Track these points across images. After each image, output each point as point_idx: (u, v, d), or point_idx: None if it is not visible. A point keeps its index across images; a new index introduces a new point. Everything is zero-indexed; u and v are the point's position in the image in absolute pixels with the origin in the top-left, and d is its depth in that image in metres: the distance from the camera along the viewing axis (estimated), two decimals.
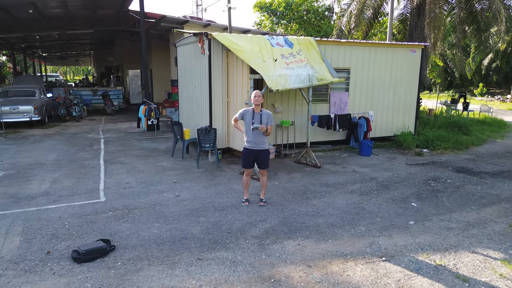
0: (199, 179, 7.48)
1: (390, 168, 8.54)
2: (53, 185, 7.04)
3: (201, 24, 16.10)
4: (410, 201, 6.39)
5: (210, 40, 8.19)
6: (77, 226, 5.19)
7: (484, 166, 9.06)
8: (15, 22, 17.88)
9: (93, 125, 14.73)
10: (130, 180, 7.36)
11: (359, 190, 6.87)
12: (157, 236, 4.89)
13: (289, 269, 4.11)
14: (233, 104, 8.48)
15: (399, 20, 20.05)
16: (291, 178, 7.56)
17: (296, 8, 21.31)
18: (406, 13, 18.25)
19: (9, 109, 13.09)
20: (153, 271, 4.05)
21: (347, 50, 9.84)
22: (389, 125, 10.92)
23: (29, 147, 10.41)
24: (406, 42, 12.82)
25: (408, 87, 10.90)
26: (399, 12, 20.74)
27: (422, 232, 5.15)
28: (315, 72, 8.33)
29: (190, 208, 5.89)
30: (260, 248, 4.59)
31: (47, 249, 4.53)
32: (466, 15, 16.91)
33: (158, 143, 11.08)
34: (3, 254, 4.41)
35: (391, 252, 4.52)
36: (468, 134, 13.24)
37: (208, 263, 4.22)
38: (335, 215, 5.68)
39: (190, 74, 9.92)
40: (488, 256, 4.48)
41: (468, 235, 5.07)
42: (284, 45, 8.54)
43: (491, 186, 7.35)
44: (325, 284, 3.82)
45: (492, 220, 5.59)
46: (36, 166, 8.41)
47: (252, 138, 5.76)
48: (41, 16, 17.11)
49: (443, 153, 10.39)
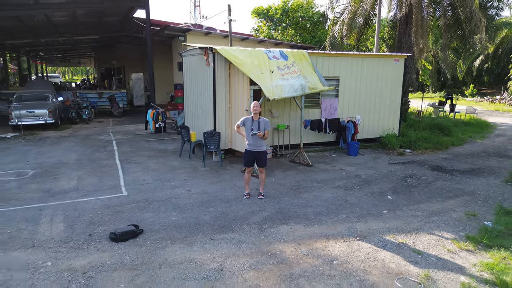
0: (206, 176, 8.58)
1: (373, 166, 9.67)
2: (80, 182, 8.13)
3: (203, 33, 17.17)
4: (386, 194, 7.52)
5: (215, 54, 9.28)
6: (108, 215, 6.28)
7: (457, 164, 10.21)
8: (27, 29, 18.90)
9: (102, 127, 15.79)
10: (145, 177, 8.45)
11: (344, 186, 8.00)
12: (175, 223, 5.99)
13: (283, 246, 5.22)
14: (234, 110, 9.58)
15: (389, 27, 21.16)
16: (286, 175, 8.68)
17: (292, 14, 22.41)
18: (395, 20, 19.36)
19: (26, 112, 14.11)
20: (176, 248, 5.15)
21: (336, 60, 10.96)
22: (375, 128, 12.05)
23: (49, 148, 11.47)
24: (390, 53, 13.93)
25: (392, 93, 12.03)
26: (389, 19, 21.89)
27: (392, 219, 6.28)
28: (307, 81, 9.44)
29: (200, 201, 6.99)
30: (259, 231, 5.70)
31: (88, 232, 5.63)
32: (452, 22, 18.05)
33: (166, 144, 12.16)
34: (53, 236, 5.50)
35: (364, 234, 5.64)
36: (450, 135, 14.37)
37: (218, 242, 5.32)
38: (322, 205, 6.80)
39: (195, 82, 11.00)
40: (442, 237, 5.61)
41: (429, 221, 6.20)
42: (280, 58, 9.65)
43: (459, 182, 8.49)
44: (310, 256, 4.94)
45: (452, 210, 6.73)
46: (61, 165, 9.48)
47: (252, 141, 6.87)
48: (50, 23, 18.13)
49: (424, 153, 11.53)
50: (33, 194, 7.35)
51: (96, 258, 4.85)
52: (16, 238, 5.42)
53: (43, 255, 4.92)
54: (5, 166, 9.38)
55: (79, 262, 4.75)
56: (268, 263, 4.75)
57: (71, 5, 14.10)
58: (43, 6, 13.44)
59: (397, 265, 4.75)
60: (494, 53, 38.73)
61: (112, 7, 15.69)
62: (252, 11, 23.32)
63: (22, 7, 13.41)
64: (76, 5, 14.28)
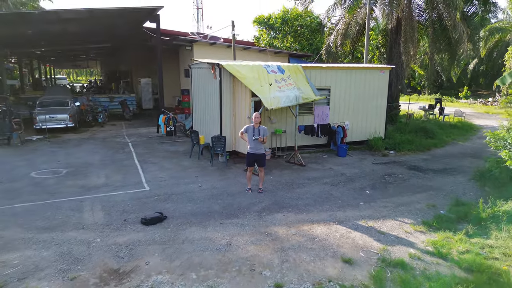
0: (214, 174, 10.06)
1: (358, 166, 11.13)
2: (108, 179, 9.62)
3: (208, 43, 18.64)
4: (365, 189, 8.99)
5: (221, 69, 10.75)
6: (136, 205, 7.76)
7: (433, 164, 11.65)
8: (43, 38, 20.43)
9: (116, 130, 17.29)
10: (162, 175, 9.94)
11: (331, 182, 9.46)
12: (191, 211, 7.47)
13: (277, 228, 6.70)
14: (238, 117, 11.06)
15: (382, 35, 22.61)
16: (282, 174, 10.15)
17: (291, 23, 23.87)
18: (387, 30, 20.78)
19: (49, 117, 15.62)
20: (194, 229, 6.63)
21: (328, 73, 12.42)
22: (363, 131, 13.48)
23: (74, 150, 12.98)
24: (376, 65, 15.34)
25: (378, 100, 13.46)
26: (382, 28, 23.31)
27: (366, 209, 7.74)
28: (301, 92, 10.92)
29: (210, 194, 8.46)
30: (258, 217, 7.18)
31: (123, 218, 7.11)
32: (440, 32, 19.44)
33: (176, 146, 13.65)
34: (96, 221, 6.98)
35: (342, 219, 7.11)
36: (433, 137, 15.79)
37: (226, 225, 6.80)
38: (310, 198, 8.26)
39: (203, 91, 12.48)
40: (403, 222, 7.07)
41: (396, 210, 7.66)
42: (277, 72, 11.12)
43: (430, 180, 9.95)
44: (298, 235, 6.40)
45: (417, 202, 8.19)
46: (88, 165, 10.98)
47: (253, 145, 8.34)
48: (67, 34, 19.64)
49: (406, 154, 12.98)
50: (71, 189, 8.85)
51: (133, 237, 6.33)
52: (67, 223, 6.92)
53: (92, 234, 6.41)
54: (39, 165, 10.88)
55: (121, 239, 6.24)
56: (265, 240, 6.22)
57: (91, 21, 15.57)
58: (66, 21, 14.91)
59: (364, 242, 6.22)
60: (489, 56, 39.90)
61: (127, 22, 17.15)
62: (254, 20, 24.81)
63: (49, 23, 14.91)
64: (96, 20, 15.75)
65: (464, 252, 5.81)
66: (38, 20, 15.05)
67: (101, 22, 16.81)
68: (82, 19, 15.24)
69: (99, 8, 14.70)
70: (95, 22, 16.48)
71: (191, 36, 20.69)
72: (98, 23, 16.79)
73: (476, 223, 6.80)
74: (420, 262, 5.55)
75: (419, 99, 41.73)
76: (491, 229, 6.56)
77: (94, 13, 14.75)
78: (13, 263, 5.45)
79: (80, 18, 15.18)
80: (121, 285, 4.93)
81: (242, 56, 18.55)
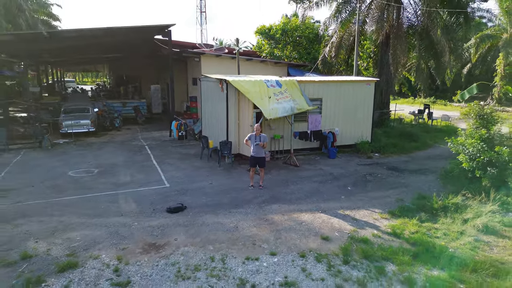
0: (221, 173, 11.94)
1: (345, 167, 12.98)
2: (133, 177, 11.52)
3: (214, 55, 20.51)
4: (347, 186, 10.84)
5: (227, 84, 12.62)
6: (161, 198, 9.65)
7: (411, 165, 13.48)
8: (64, 50, 22.37)
9: (132, 134, 19.20)
10: (179, 174, 11.83)
11: (320, 180, 11.32)
12: (205, 203, 9.35)
13: (273, 215, 8.56)
14: (242, 125, 12.93)
15: (375, 46, 24.41)
16: (279, 173, 12.02)
17: (290, 34, 25.74)
18: (378, 43, 22.59)
19: (73, 123, 17.56)
20: (208, 216, 8.50)
21: (320, 86, 14.28)
22: (352, 136, 15.30)
23: (99, 152, 14.90)
24: (363, 78, 17.13)
25: (365, 109, 15.29)
26: (374, 38, 25.11)
27: (346, 201, 9.60)
28: (296, 104, 12.78)
29: (219, 190, 10.34)
30: (259, 207, 9.05)
31: (152, 208, 9.00)
32: (426, 44, 21.25)
33: (188, 149, 15.55)
34: (131, 210, 8.87)
35: (324, 209, 8.97)
36: (417, 141, 17.61)
37: (234, 213, 8.67)
38: (301, 193, 10.13)
39: (211, 102, 14.36)
40: (373, 211, 8.92)
41: (369, 203, 9.51)
42: (276, 86, 12.99)
43: (404, 178, 11.79)
44: (289, 221, 8.27)
45: (389, 196, 10.03)
46: (114, 165, 12.89)
47: (255, 150, 10.22)
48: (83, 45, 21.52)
49: (389, 156, 14.82)
50: (105, 185, 10.76)
51: (162, 221, 8.22)
52: (108, 211, 8.81)
53: (130, 220, 8.30)
54: (73, 166, 12.80)
55: (153, 222, 8.13)
56: (264, 224, 8.10)
57: (109, 36, 17.49)
58: (86, 37, 16.83)
59: (339, 225, 8.08)
60: (483, 60, 41.47)
61: (141, 36, 19.05)
62: (256, 30, 26.71)
63: (71, 39, 16.84)
64: (113, 36, 17.65)
65: (414, 232, 7.67)
66: (64, 37, 16.97)
67: (117, 37, 18.70)
68: (101, 35, 17.14)
69: (118, 26, 16.55)
70: (112, 37, 18.37)
71: (198, 47, 22.62)
72: (114, 38, 18.68)
73: (429, 212, 8.66)
74: (379, 239, 7.41)
75: (414, 102, 43.52)
76: (440, 217, 8.43)
77: (113, 31, 16.65)
78: (76, 239, 7.34)
79: (100, 34, 17.09)
80: (158, 253, 6.82)
81: (245, 66, 20.39)
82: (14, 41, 16.48)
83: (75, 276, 6.03)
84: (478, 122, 10.72)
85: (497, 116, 10.91)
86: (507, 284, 5.70)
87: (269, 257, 6.66)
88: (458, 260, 6.46)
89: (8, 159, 13.66)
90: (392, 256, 6.61)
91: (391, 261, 6.51)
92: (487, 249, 7.13)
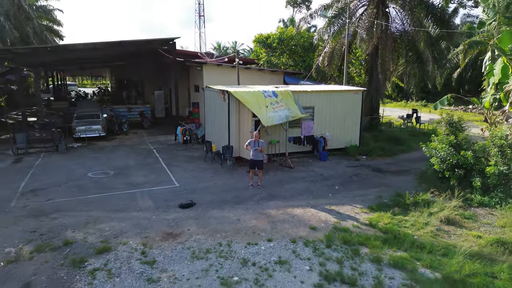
0: (224, 174, 13.45)
1: (334, 168, 14.51)
2: (146, 178, 13.01)
3: (215, 64, 22.02)
4: (335, 185, 12.37)
5: (229, 95, 14.14)
6: (173, 196, 11.14)
7: (393, 167, 15.04)
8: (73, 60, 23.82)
9: (139, 138, 20.68)
10: (186, 175, 13.32)
11: (311, 180, 12.85)
12: (211, 200, 10.85)
13: (270, 210, 10.08)
14: (242, 131, 14.45)
15: (366, 55, 25.98)
16: (276, 174, 13.53)
17: (287, 42, 27.31)
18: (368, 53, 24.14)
19: (85, 128, 19.03)
20: (215, 211, 10.01)
21: (312, 95, 15.81)
22: (342, 140, 16.82)
23: (111, 155, 16.37)
24: (351, 88, 18.59)
25: (354, 116, 16.82)
26: (365, 48, 26.69)
27: (333, 198, 11.13)
28: (290, 112, 14.31)
29: (223, 189, 11.85)
30: (258, 204, 10.56)
31: (166, 204, 10.49)
32: (413, 54, 22.87)
33: (192, 152, 17.04)
34: (148, 206, 10.36)
35: (314, 205, 10.49)
36: (403, 144, 19.16)
37: (236, 208, 10.18)
38: (294, 191, 11.65)
39: (214, 110, 15.86)
40: (355, 207, 10.45)
41: (353, 200, 11.04)
42: (272, 96, 14.51)
43: (386, 179, 13.33)
44: (283, 214, 9.78)
45: (370, 194, 11.56)
46: (127, 167, 14.37)
47: (254, 154, 11.73)
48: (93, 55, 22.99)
49: (375, 159, 16.36)
50: (122, 185, 12.24)
51: (176, 215, 9.72)
52: (129, 207, 10.30)
53: (149, 214, 9.79)
54: (90, 168, 14.27)
55: (169, 216, 9.63)
56: (262, 217, 9.61)
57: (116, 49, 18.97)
58: (99, 49, 18.31)
59: (326, 218, 9.60)
60: (473, 64, 43.07)
61: (148, 47, 20.55)
62: (254, 39, 28.28)
63: (86, 51, 18.32)
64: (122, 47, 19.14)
65: (387, 223, 9.19)
66: (77, 49, 18.44)
67: (125, 49, 20.19)
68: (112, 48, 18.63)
69: (129, 40, 18.02)
70: (121, 49, 19.86)
71: (200, 56, 24.13)
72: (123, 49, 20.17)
73: (402, 207, 10.20)
74: (358, 229, 8.93)
75: (406, 105, 45.19)
76: (411, 211, 9.97)
77: (123, 44, 18.14)
78: (106, 229, 8.83)
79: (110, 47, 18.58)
80: (175, 240, 8.31)
81: (244, 74, 21.88)
82: (32, 53, 17.94)
83: (110, 257, 7.52)
84: (448, 129, 12.27)
85: (463, 123, 12.47)
86: (453, 261, 7.23)
87: (266, 242, 8.18)
88: (418, 244, 8.01)
89: (31, 162, 15.12)
90: (366, 242, 8.13)
91: (365, 245, 8.03)
92: (446, 237, 8.68)
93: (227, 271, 7.03)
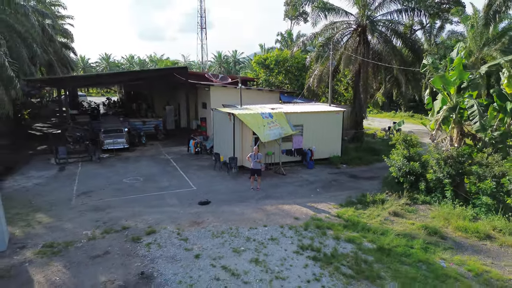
0: (230, 180, 17.04)
1: (318, 175, 18.10)
2: (169, 183, 16.60)
3: (220, 86, 25.70)
4: (317, 188, 15.95)
5: (234, 116, 17.77)
6: (193, 196, 14.72)
7: (367, 173, 18.63)
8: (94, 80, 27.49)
9: (156, 149, 24.28)
10: (200, 180, 16.91)
11: (299, 184, 16.43)
12: (222, 199, 14.42)
13: (266, 206, 13.66)
14: (244, 145, 18.07)
15: (352, 75, 29.68)
16: (271, 179, 17.12)
17: (282, 63, 31.08)
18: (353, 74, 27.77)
19: (112, 141, 22.64)
20: (225, 207, 13.58)
21: (301, 115, 19.46)
22: (326, 151, 20.42)
23: (137, 164, 19.96)
24: (333, 108, 22.18)
25: (336, 131, 20.44)
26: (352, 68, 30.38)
27: (314, 197, 14.70)
28: (283, 130, 17.95)
29: (230, 191, 15.42)
30: (257, 202, 14.14)
31: (189, 202, 14.07)
32: (390, 76, 26.61)
33: (203, 162, 20.64)
34: (175, 204, 13.94)
35: (299, 203, 14.06)
36: (379, 154, 22.72)
37: (241, 205, 13.75)
38: (285, 193, 15.22)
39: (221, 127, 19.48)
40: (330, 204, 14.04)
41: (329, 199, 14.61)
42: (268, 117, 18.16)
43: (358, 183, 16.91)
44: (275, 210, 13.36)
45: (343, 195, 15.12)
46: (153, 175, 17.96)
47: (254, 164, 15.34)
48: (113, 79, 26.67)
49: (354, 167, 19.95)
50: (152, 188, 15.82)
51: (196, 209, 13.29)
52: (161, 205, 13.87)
53: (177, 209, 13.36)
54: (123, 175, 17.85)
55: (192, 210, 13.21)
56: (259, 211, 13.18)
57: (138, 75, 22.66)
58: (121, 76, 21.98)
59: (306, 211, 13.17)
60: None
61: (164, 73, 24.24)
62: (253, 60, 32.03)
63: (110, 78, 21.97)
64: (144, 74, 22.82)
65: (350, 215, 12.76)
66: (105, 75, 22.09)
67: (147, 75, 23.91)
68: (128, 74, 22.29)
69: (154, 69, 21.68)
70: (142, 75, 23.56)
71: (207, 77, 27.84)
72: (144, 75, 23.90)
73: (364, 204, 13.79)
74: (328, 219, 12.50)
75: (395, 116, 48.82)
76: (369, 207, 13.55)
77: (145, 72, 21.79)
78: (149, 219, 12.39)
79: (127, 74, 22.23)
80: (199, 226, 11.87)
81: (245, 93, 25.47)
82: (67, 80, 21.58)
83: (157, 236, 11.08)
84: (403, 145, 15.89)
85: (415, 141, 16.10)
86: (387, 238, 10.80)
87: (263, 227, 11.75)
88: (367, 228, 11.58)
89: (73, 170, 18.72)
90: (332, 227, 11.71)
91: (331, 229, 11.60)
92: (390, 224, 12.26)
93: (236, 244, 10.60)
